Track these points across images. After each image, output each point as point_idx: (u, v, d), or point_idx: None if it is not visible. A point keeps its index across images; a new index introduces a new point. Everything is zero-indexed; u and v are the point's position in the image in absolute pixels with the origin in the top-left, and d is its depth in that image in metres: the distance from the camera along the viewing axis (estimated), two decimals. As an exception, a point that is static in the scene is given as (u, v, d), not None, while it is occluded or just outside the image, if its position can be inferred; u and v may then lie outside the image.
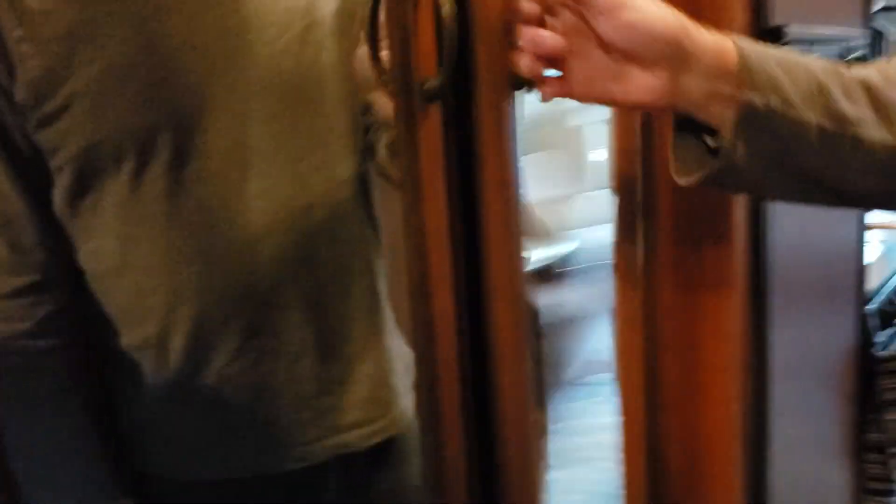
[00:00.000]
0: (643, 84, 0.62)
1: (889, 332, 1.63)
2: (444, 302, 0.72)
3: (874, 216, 1.95)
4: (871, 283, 1.70)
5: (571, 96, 0.64)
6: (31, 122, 0.86)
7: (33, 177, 0.89)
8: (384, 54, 0.70)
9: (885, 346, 1.60)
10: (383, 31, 0.71)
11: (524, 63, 0.64)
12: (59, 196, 0.90)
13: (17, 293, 0.90)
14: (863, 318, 1.54)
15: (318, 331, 0.97)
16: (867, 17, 1.30)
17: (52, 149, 0.87)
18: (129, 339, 0.95)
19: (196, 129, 0.89)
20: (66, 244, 0.93)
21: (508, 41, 0.65)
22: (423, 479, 0.80)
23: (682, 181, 0.67)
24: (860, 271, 1.44)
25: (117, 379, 0.98)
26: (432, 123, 0.70)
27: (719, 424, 0.81)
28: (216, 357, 0.93)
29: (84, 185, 0.89)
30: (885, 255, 1.90)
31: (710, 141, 0.65)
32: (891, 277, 1.76)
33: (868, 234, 1.97)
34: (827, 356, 1.31)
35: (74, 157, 0.87)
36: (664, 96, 0.63)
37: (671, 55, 0.61)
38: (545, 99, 0.64)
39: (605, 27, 0.61)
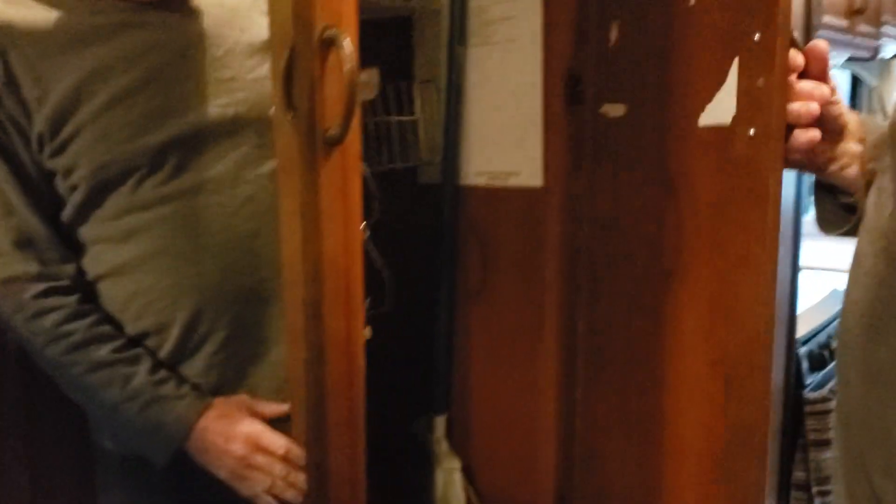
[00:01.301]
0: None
1: (819, 374, 1.69)
2: (337, 326, 0.80)
3: (816, 259, 2.01)
4: (811, 325, 1.76)
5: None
6: (46, 151, 0.99)
7: (47, 200, 1.02)
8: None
9: (816, 388, 1.66)
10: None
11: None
12: (71, 209, 1.03)
13: (51, 291, 1.02)
14: (795, 361, 1.60)
15: None
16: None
17: (66, 171, 1.00)
18: (126, 331, 1.05)
19: (194, 144, 1.03)
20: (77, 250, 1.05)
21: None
22: (307, 493, 0.88)
23: (827, 233, 0.93)
24: (792, 315, 1.50)
25: None
26: (333, 164, 0.78)
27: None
28: (207, 346, 1.06)
29: (95, 198, 1.02)
30: (827, 299, 1.96)
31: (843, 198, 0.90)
32: (826, 322, 1.81)
33: (813, 277, 2.04)
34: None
35: (87, 176, 1.00)
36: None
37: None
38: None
39: None
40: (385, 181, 1.32)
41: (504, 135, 1.34)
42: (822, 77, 0.88)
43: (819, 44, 0.87)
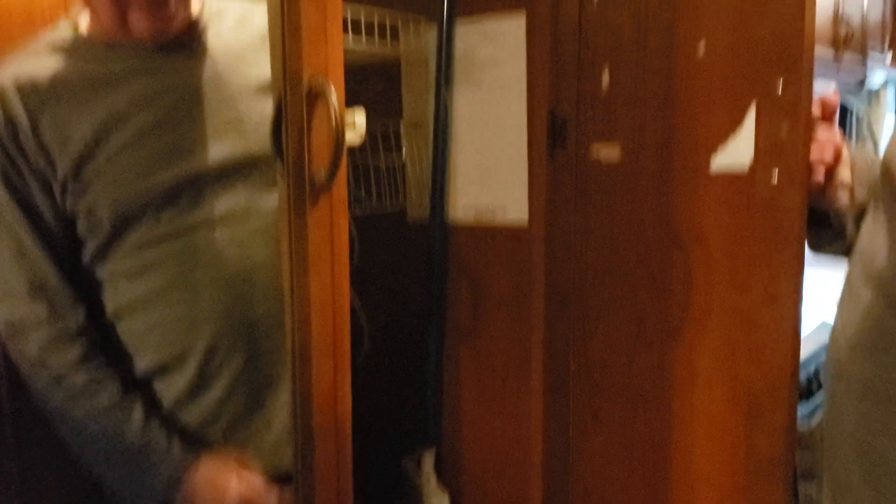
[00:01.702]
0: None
1: (809, 406, 1.71)
2: (324, 368, 0.81)
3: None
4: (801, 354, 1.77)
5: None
6: (68, 195, 1.03)
7: (62, 244, 1.05)
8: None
9: (808, 416, 1.67)
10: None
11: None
12: (92, 248, 1.06)
13: (58, 338, 1.04)
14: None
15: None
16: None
17: (87, 212, 1.03)
18: (144, 364, 1.08)
19: (206, 180, 1.06)
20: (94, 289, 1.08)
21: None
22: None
23: (815, 252, 1.01)
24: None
25: None
26: (320, 210, 0.80)
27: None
28: (224, 374, 1.08)
29: (115, 235, 1.05)
30: (817, 331, 1.98)
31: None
32: (815, 351, 1.83)
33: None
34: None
35: (108, 215, 1.03)
36: None
37: None
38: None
39: None
40: (373, 219, 1.34)
41: (491, 174, 1.36)
42: (830, 120, 0.95)
43: (830, 95, 0.93)
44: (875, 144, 3.77)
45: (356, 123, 1.12)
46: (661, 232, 1.12)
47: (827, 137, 0.91)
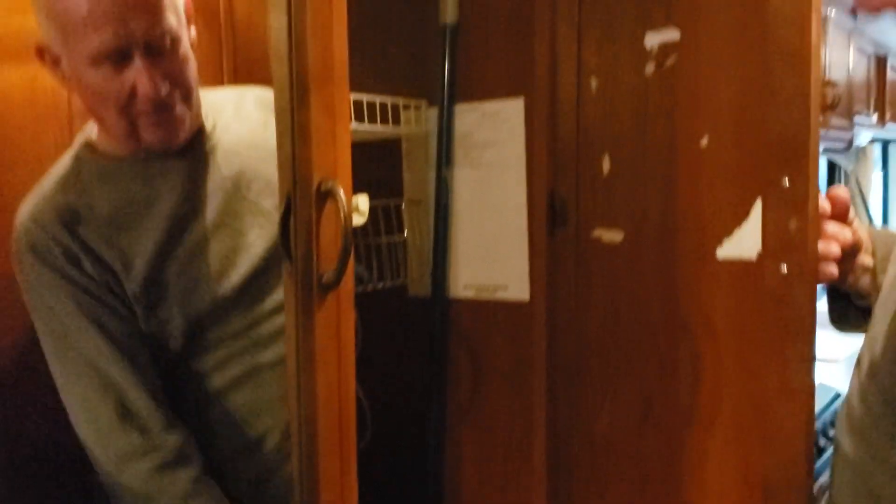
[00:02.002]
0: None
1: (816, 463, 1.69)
2: (330, 463, 0.81)
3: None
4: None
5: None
6: (140, 312, 1.04)
7: (144, 364, 1.05)
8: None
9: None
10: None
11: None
12: (169, 354, 1.07)
13: (162, 466, 1.04)
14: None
15: None
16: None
17: (161, 325, 1.05)
18: (228, 446, 1.10)
19: (261, 273, 1.10)
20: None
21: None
22: None
23: (841, 331, 1.04)
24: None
25: None
26: (328, 308, 0.81)
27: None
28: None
29: (191, 340, 1.07)
30: (819, 389, 1.97)
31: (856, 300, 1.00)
32: (822, 409, 1.82)
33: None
34: None
35: (181, 324, 1.05)
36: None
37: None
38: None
39: None
40: (373, 295, 1.35)
41: (491, 251, 1.38)
42: (843, 217, 0.97)
43: (840, 190, 0.96)
44: (864, 200, 3.83)
45: (360, 208, 1.14)
46: (667, 314, 1.13)
47: (835, 231, 0.93)
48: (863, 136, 3.04)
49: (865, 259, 1.00)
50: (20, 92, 1.40)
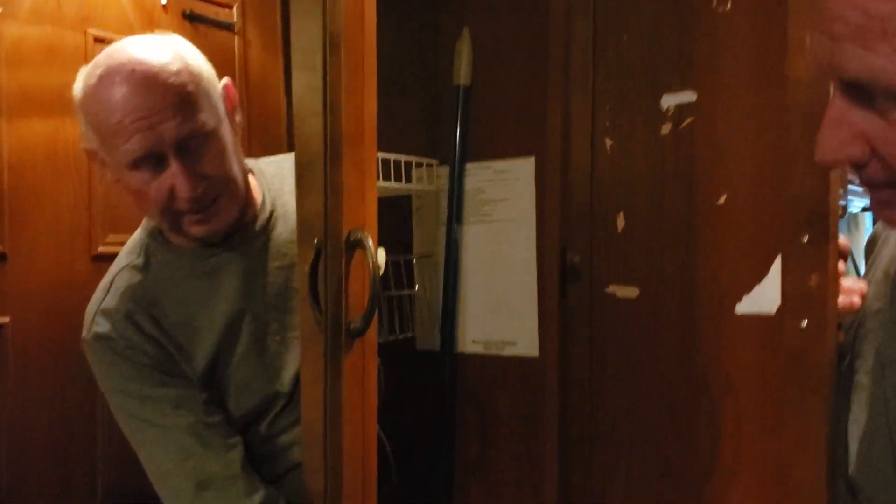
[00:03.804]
0: None
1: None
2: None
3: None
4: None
5: None
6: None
7: (216, 432, 1.05)
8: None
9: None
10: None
11: None
12: None
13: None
14: None
15: None
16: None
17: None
18: None
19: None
20: None
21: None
22: None
23: None
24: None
25: None
26: (355, 355, 0.82)
27: None
28: None
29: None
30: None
31: None
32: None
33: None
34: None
35: (236, 419, 1.06)
36: None
37: None
38: None
39: None
40: (384, 348, 1.36)
41: (500, 307, 1.40)
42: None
43: (841, 240, 0.98)
44: (856, 267, 3.88)
45: (378, 261, 1.16)
46: (685, 370, 1.14)
47: (851, 284, 0.96)
48: (855, 204, 3.10)
49: None
50: (43, 144, 1.43)
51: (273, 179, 1.14)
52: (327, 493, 0.81)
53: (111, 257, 1.12)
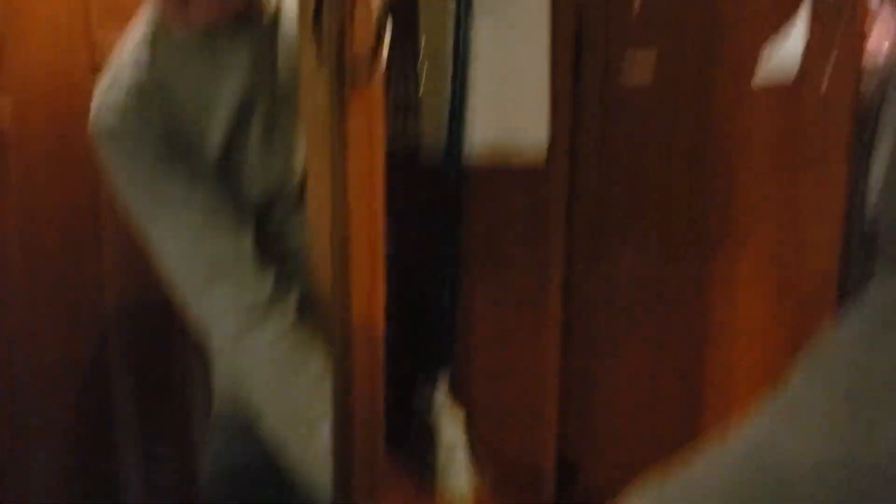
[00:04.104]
0: None
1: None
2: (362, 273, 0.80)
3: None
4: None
5: None
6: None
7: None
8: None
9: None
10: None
11: None
12: None
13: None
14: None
15: None
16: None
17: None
18: None
19: None
20: None
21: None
22: (332, 479, 0.88)
23: None
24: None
25: None
26: (363, 105, 0.78)
27: None
28: None
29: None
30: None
31: None
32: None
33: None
34: None
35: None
36: None
37: None
38: None
39: None
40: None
41: (509, 107, 1.35)
42: None
43: None
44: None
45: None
46: (701, 140, 1.10)
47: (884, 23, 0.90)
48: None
49: None
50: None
51: None
52: (335, 243, 0.80)
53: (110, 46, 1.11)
